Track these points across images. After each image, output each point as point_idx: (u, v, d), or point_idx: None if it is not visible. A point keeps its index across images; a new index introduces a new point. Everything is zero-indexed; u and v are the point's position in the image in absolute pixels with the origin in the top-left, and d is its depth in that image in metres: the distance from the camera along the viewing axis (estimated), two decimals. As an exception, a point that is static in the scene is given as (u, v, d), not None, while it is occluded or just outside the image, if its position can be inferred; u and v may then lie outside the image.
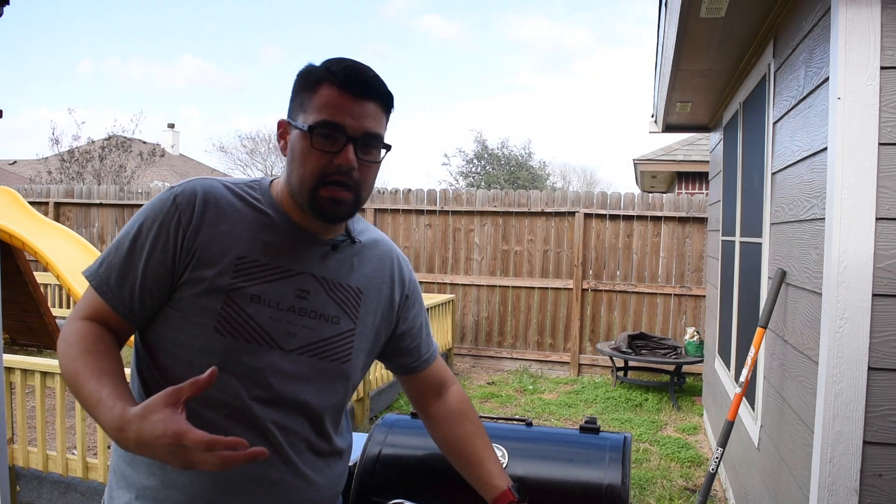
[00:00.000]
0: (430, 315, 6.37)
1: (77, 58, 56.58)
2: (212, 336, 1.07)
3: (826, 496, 1.75)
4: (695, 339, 6.00)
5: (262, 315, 1.10)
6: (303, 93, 1.10)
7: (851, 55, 1.74)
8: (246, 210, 1.13)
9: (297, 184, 1.10)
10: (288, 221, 1.15)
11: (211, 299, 1.08)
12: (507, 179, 23.69)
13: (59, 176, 16.50)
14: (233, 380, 1.08)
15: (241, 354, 1.09)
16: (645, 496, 3.85)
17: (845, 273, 1.74)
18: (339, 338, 1.18)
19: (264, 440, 1.11)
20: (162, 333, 1.11)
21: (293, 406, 1.14)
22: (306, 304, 1.14)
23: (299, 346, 1.13)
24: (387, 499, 1.38)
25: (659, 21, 4.26)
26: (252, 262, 1.11)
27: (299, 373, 1.13)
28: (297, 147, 1.09)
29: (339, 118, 1.06)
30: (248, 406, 1.09)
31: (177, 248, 1.08)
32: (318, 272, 1.16)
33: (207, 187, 1.13)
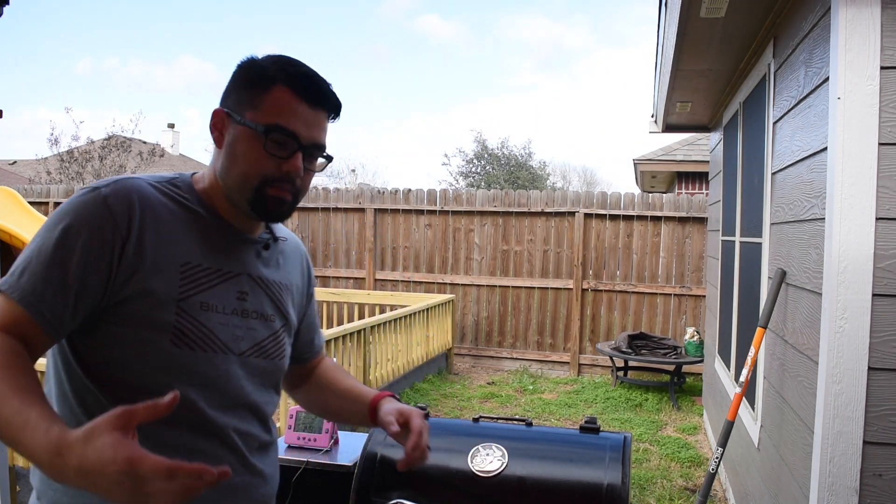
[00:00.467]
0: (430, 315, 6.38)
1: (77, 58, 56.59)
2: (168, 350, 1.02)
3: (826, 496, 1.75)
4: (695, 339, 6.00)
5: (213, 322, 1.07)
6: (252, 89, 1.06)
7: (851, 55, 1.74)
8: (179, 211, 1.08)
9: (239, 182, 1.07)
10: (220, 221, 1.12)
11: (163, 312, 1.02)
12: (507, 179, 23.69)
13: (58, 176, 16.50)
14: (192, 392, 1.05)
15: (199, 365, 1.06)
16: (645, 496, 3.85)
17: (845, 273, 1.74)
18: (275, 336, 1.19)
19: (226, 448, 1.11)
20: (109, 354, 1.02)
21: (247, 409, 1.15)
22: (247, 305, 1.13)
23: (247, 348, 1.13)
24: (386, 499, 1.38)
25: (659, 21, 4.26)
26: (196, 267, 1.06)
27: (249, 375, 1.14)
28: (242, 145, 1.06)
29: (294, 125, 1.05)
30: (209, 416, 1.08)
31: (114, 258, 0.99)
32: (253, 272, 1.15)
33: (140, 188, 1.05)
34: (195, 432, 1.07)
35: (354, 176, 27.47)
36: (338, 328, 4.71)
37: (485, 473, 1.48)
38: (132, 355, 1.02)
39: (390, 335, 5.53)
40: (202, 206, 1.11)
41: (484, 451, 1.52)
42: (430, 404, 5.24)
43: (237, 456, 1.12)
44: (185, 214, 1.08)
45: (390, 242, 7.70)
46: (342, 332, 4.66)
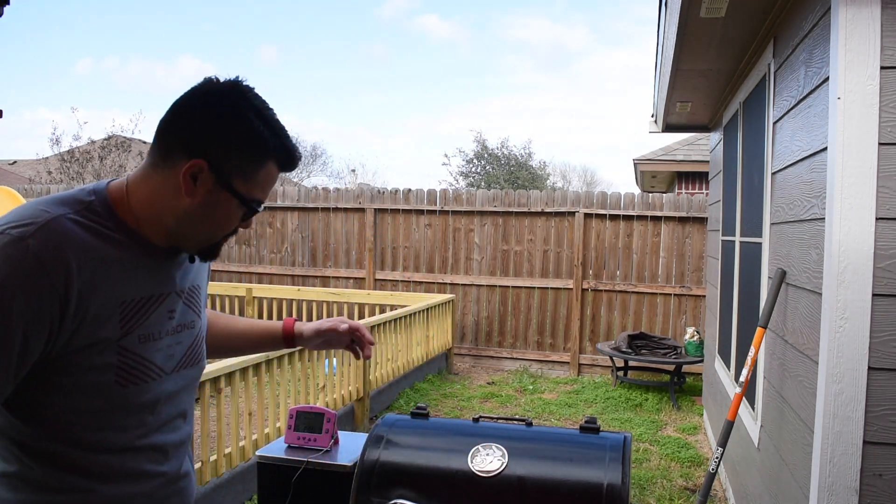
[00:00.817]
0: (430, 315, 6.38)
1: (76, 58, 56.61)
2: (113, 389, 1.02)
3: (826, 496, 1.75)
4: (695, 339, 6.00)
5: (152, 351, 1.07)
6: (249, 159, 1.04)
7: (851, 55, 1.74)
8: (108, 247, 1.01)
9: (202, 238, 1.09)
10: (146, 244, 1.07)
11: (105, 355, 1.00)
12: (507, 179, 23.69)
13: (59, 176, 16.50)
14: (134, 421, 1.07)
15: (142, 395, 1.06)
16: (645, 496, 3.85)
17: (845, 273, 1.74)
18: (197, 340, 1.20)
19: (167, 463, 1.14)
20: (51, 398, 0.99)
21: (178, 420, 1.17)
22: (175, 321, 1.13)
23: (177, 363, 1.14)
24: (386, 499, 1.38)
25: (659, 21, 4.26)
26: (131, 302, 1.04)
27: (181, 388, 1.16)
28: (223, 210, 1.06)
29: (266, 196, 1.11)
30: (151, 440, 1.11)
31: (54, 320, 0.94)
32: (177, 287, 1.14)
33: (68, 235, 0.96)
34: (137, 455, 1.09)
35: (354, 176, 27.46)
36: (338, 328, 4.70)
37: (485, 473, 1.48)
38: (78, 398, 1.01)
39: (390, 335, 5.53)
40: (124, 232, 1.04)
41: (484, 451, 1.52)
42: (430, 404, 5.25)
43: (176, 467, 1.17)
44: (113, 249, 1.02)
45: (390, 242, 7.70)
46: (342, 332, 4.65)
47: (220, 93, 1.04)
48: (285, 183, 20.04)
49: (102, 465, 1.05)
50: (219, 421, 3.34)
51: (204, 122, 1.03)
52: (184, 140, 1.03)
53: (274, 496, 1.86)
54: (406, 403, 5.63)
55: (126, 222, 1.05)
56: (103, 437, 1.05)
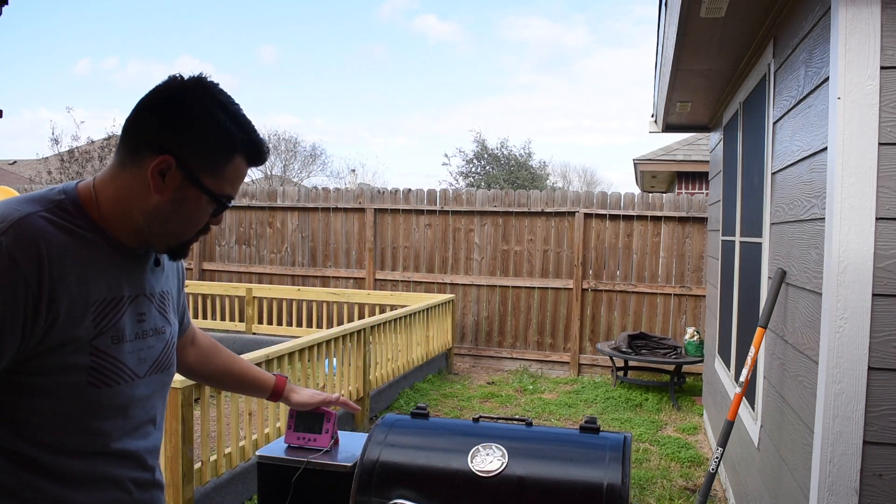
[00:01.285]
0: (430, 315, 6.38)
1: (75, 58, 56.61)
2: (85, 391, 1.01)
3: (826, 496, 1.75)
4: (695, 339, 6.00)
5: (124, 352, 1.07)
6: (216, 154, 1.04)
7: (851, 55, 1.74)
8: (79, 246, 1.02)
9: (171, 236, 1.09)
10: (115, 244, 1.07)
11: (78, 356, 1.00)
12: (506, 179, 23.68)
13: (58, 176, 16.50)
14: (107, 425, 1.06)
15: (115, 398, 1.06)
16: (645, 496, 3.85)
17: (845, 273, 1.74)
18: (168, 346, 1.20)
19: (139, 469, 1.14)
20: (23, 399, 0.99)
21: (150, 424, 1.17)
22: (145, 325, 1.12)
23: (148, 367, 1.13)
24: (387, 499, 1.38)
25: (659, 21, 4.26)
26: (103, 301, 1.04)
27: (152, 392, 1.15)
28: (192, 206, 1.06)
29: (236, 192, 1.10)
30: (123, 445, 1.10)
31: (27, 318, 0.94)
32: (147, 289, 1.14)
33: (42, 232, 0.97)
34: (109, 460, 1.08)
35: (354, 176, 27.47)
36: (338, 328, 4.71)
37: (485, 473, 1.48)
38: (51, 399, 1.01)
39: (390, 335, 5.54)
40: (94, 230, 1.05)
41: (484, 451, 1.52)
42: (430, 404, 5.25)
43: (147, 474, 1.16)
44: (84, 247, 1.03)
45: (390, 242, 7.70)
46: (342, 332, 4.66)
47: (184, 89, 1.04)
48: (285, 183, 20.06)
49: (74, 469, 1.04)
50: (219, 421, 3.34)
51: (170, 119, 1.03)
52: (151, 137, 1.02)
53: (274, 496, 1.86)
54: (406, 403, 5.63)
55: (95, 221, 1.05)
56: (75, 441, 1.04)
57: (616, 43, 66.47)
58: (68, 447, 1.04)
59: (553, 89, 66.40)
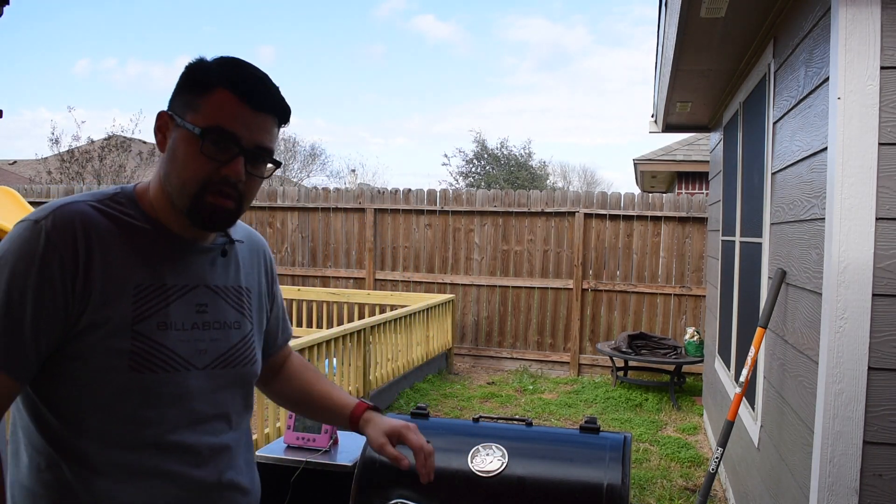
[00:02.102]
0: (430, 315, 6.37)
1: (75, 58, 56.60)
2: (127, 376, 1.00)
3: (826, 496, 1.75)
4: (695, 339, 6.00)
5: (172, 340, 1.05)
6: (194, 90, 1.03)
7: (851, 55, 1.74)
8: (124, 231, 1.04)
9: (178, 187, 1.04)
10: (168, 234, 1.08)
11: (118, 339, 1.00)
12: (506, 179, 23.68)
13: (59, 176, 16.50)
14: (156, 414, 1.04)
15: (162, 386, 1.04)
16: (645, 496, 3.85)
17: (845, 273, 1.74)
18: (244, 342, 1.17)
19: (200, 467, 1.09)
20: (67, 388, 1.01)
21: (218, 422, 1.13)
22: (207, 316, 1.10)
23: (212, 360, 1.10)
24: (387, 499, 1.38)
25: (659, 21, 4.26)
26: (148, 287, 1.04)
27: (218, 386, 1.11)
28: (181, 148, 1.03)
29: (234, 127, 1.01)
30: (178, 437, 1.06)
31: (67, 294, 0.97)
32: (210, 281, 1.12)
33: (80, 215, 1.00)
34: (163, 453, 1.05)
35: (354, 176, 27.46)
36: (338, 328, 4.71)
37: (485, 473, 1.48)
38: (92, 386, 1.01)
39: (390, 335, 5.53)
40: (147, 221, 1.07)
41: (484, 451, 1.52)
42: (430, 404, 5.24)
43: (212, 473, 1.10)
44: (132, 234, 1.04)
45: (390, 242, 7.70)
46: (342, 332, 4.66)
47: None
48: (285, 183, 20.05)
49: (122, 462, 1.02)
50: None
51: (175, 87, 1.07)
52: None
53: (273, 496, 1.86)
54: (406, 403, 5.62)
55: (147, 212, 1.07)
56: (123, 430, 1.02)
57: (616, 43, 66.47)
58: (115, 437, 1.02)
59: (553, 89, 66.40)
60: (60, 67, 54.42)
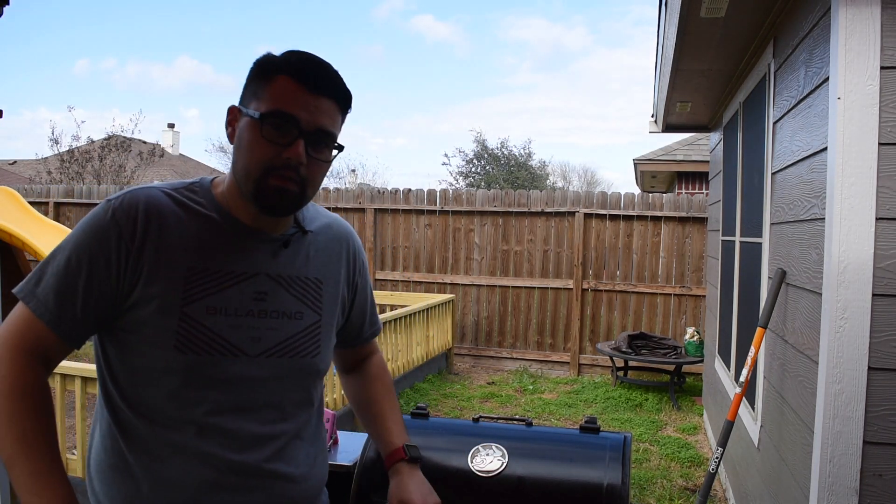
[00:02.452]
0: (430, 315, 6.37)
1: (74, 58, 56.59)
2: (172, 355, 1.03)
3: (826, 496, 1.75)
4: (695, 339, 6.00)
5: (221, 325, 1.06)
6: (258, 81, 1.06)
7: (851, 55, 1.74)
8: (189, 217, 1.08)
9: (243, 173, 1.06)
10: (234, 223, 1.11)
11: (166, 317, 1.03)
12: (506, 179, 23.67)
13: (58, 176, 16.49)
14: (200, 396, 1.06)
15: (206, 368, 1.05)
16: (645, 496, 3.85)
17: (845, 273, 1.74)
18: (304, 333, 1.16)
19: (239, 452, 1.09)
20: (122, 360, 1.07)
21: (268, 411, 1.12)
22: (265, 305, 1.11)
23: (265, 349, 1.10)
24: (387, 499, 1.38)
25: (659, 21, 4.26)
26: (202, 271, 1.06)
27: (270, 376, 1.11)
28: (244, 135, 1.05)
29: (292, 110, 1.03)
30: (219, 421, 1.07)
31: (120, 267, 1.03)
32: (272, 270, 1.13)
33: (147, 197, 1.07)
34: (204, 434, 1.06)
35: (354, 176, 27.46)
36: (338, 328, 4.70)
37: (485, 473, 1.48)
38: (142, 361, 1.05)
39: (390, 335, 5.53)
40: (216, 210, 1.10)
41: (484, 451, 1.52)
42: (430, 404, 5.24)
43: (253, 460, 1.10)
44: (196, 220, 1.08)
45: (390, 242, 7.70)
46: (342, 332, 4.65)
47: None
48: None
49: (164, 439, 1.05)
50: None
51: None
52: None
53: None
54: (406, 403, 5.62)
55: (219, 201, 1.11)
56: (169, 406, 1.05)
57: (615, 43, 66.49)
58: (160, 413, 1.05)
59: (553, 89, 66.41)
60: (60, 67, 54.44)
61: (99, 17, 54.55)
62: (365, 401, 1.40)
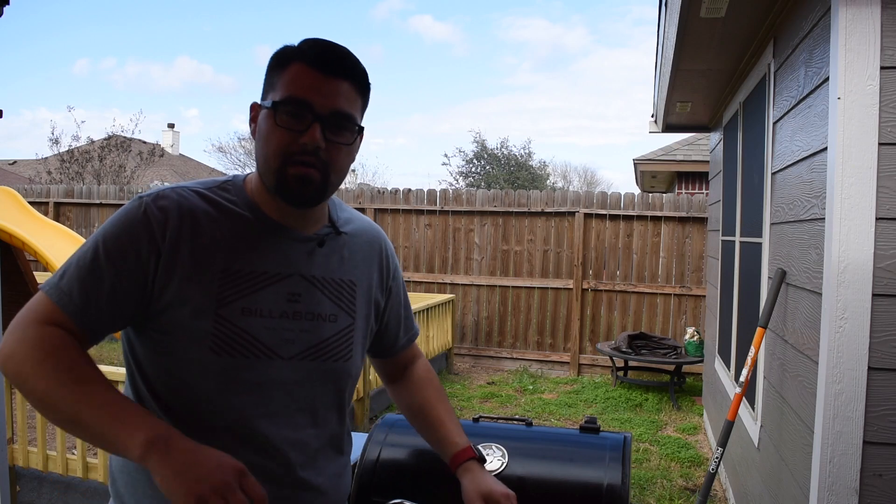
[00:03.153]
0: (430, 315, 6.36)
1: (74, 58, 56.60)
2: (208, 357, 1.01)
3: (826, 496, 1.75)
4: (695, 339, 6.00)
5: (256, 327, 1.04)
6: (274, 72, 1.05)
7: (851, 55, 1.74)
8: (223, 216, 1.06)
9: (263, 164, 1.05)
10: (267, 221, 1.08)
11: (200, 320, 1.01)
12: (506, 179, 23.67)
13: (58, 176, 16.50)
14: (235, 400, 1.04)
15: (241, 371, 1.03)
16: (645, 496, 3.85)
17: (845, 273, 1.74)
18: (338, 336, 1.13)
19: (273, 460, 1.07)
20: (156, 363, 1.05)
21: (301, 416, 1.10)
22: (299, 306, 1.08)
23: (299, 351, 1.08)
24: (387, 499, 1.38)
25: (659, 21, 4.26)
26: (237, 272, 1.04)
27: (303, 379, 1.09)
28: (262, 127, 1.04)
29: (305, 95, 1.01)
30: (255, 426, 1.05)
31: (150, 264, 1.01)
32: (306, 271, 1.10)
33: (179, 197, 1.05)
34: (240, 440, 1.04)
35: (354, 176, 27.45)
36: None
37: (485, 473, 1.48)
38: (176, 363, 1.03)
39: (390, 335, 5.52)
40: (249, 209, 1.08)
41: (484, 451, 1.52)
42: (430, 404, 5.23)
43: (285, 468, 1.08)
44: (230, 219, 1.07)
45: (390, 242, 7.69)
46: (342, 332, 4.65)
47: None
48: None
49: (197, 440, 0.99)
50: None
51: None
52: None
53: (274, 496, 1.85)
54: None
55: (251, 199, 1.09)
56: (203, 410, 1.03)
57: (615, 44, 66.50)
58: (195, 417, 1.03)
59: (553, 89, 66.42)
60: (60, 67, 54.45)
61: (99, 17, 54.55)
62: (418, 407, 1.35)
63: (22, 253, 6.15)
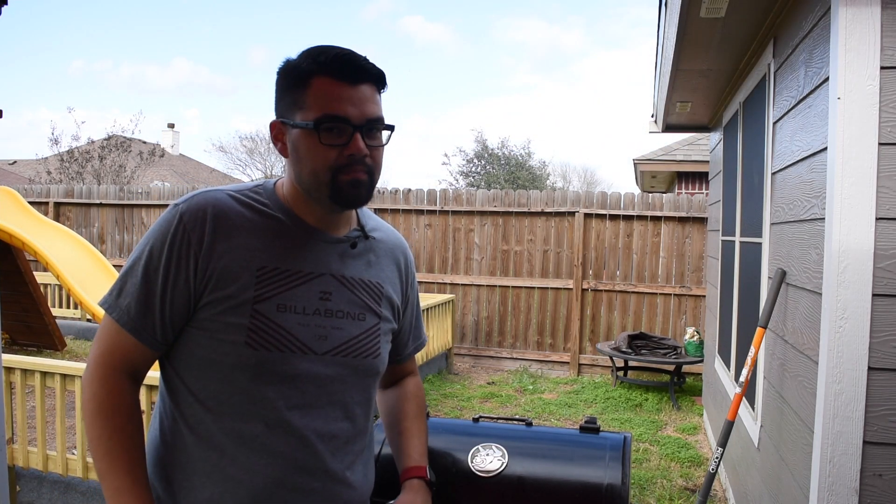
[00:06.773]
0: (430, 315, 6.36)
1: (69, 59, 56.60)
2: (244, 351, 1.06)
3: (826, 496, 1.75)
4: (695, 339, 6.00)
5: (291, 322, 1.09)
6: (294, 90, 1.08)
7: (851, 55, 1.74)
8: (256, 219, 1.12)
9: (312, 182, 1.09)
10: (300, 223, 1.14)
11: (237, 315, 1.07)
12: (507, 179, 23.67)
13: (58, 176, 16.49)
14: (269, 391, 1.08)
15: (276, 365, 1.08)
16: (645, 496, 3.85)
17: (845, 273, 1.74)
18: (367, 334, 1.18)
19: (304, 450, 1.11)
20: (191, 354, 1.10)
21: (332, 409, 1.14)
22: (331, 304, 1.14)
23: (332, 347, 1.13)
24: (387, 499, 1.38)
25: (659, 21, 4.26)
26: (272, 271, 1.10)
27: (335, 375, 1.14)
28: (302, 147, 1.08)
29: (341, 110, 1.06)
30: (287, 417, 1.09)
31: (191, 271, 1.07)
32: (337, 271, 1.16)
33: (213, 201, 1.10)
34: (272, 430, 1.09)
35: (354, 176, 27.40)
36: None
37: (485, 473, 1.48)
38: (212, 356, 1.07)
39: (390, 335, 5.52)
40: (282, 211, 1.14)
41: (484, 451, 1.52)
42: (430, 404, 5.25)
43: (316, 460, 1.12)
44: (263, 221, 1.12)
45: (390, 242, 7.69)
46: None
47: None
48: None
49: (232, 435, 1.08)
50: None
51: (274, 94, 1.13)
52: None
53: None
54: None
55: (284, 203, 1.15)
56: (236, 401, 1.07)
57: (613, 44, 66.55)
58: (229, 408, 1.08)
59: (552, 90, 66.45)
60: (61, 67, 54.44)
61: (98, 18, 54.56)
62: (397, 415, 1.39)
63: (22, 253, 6.15)
